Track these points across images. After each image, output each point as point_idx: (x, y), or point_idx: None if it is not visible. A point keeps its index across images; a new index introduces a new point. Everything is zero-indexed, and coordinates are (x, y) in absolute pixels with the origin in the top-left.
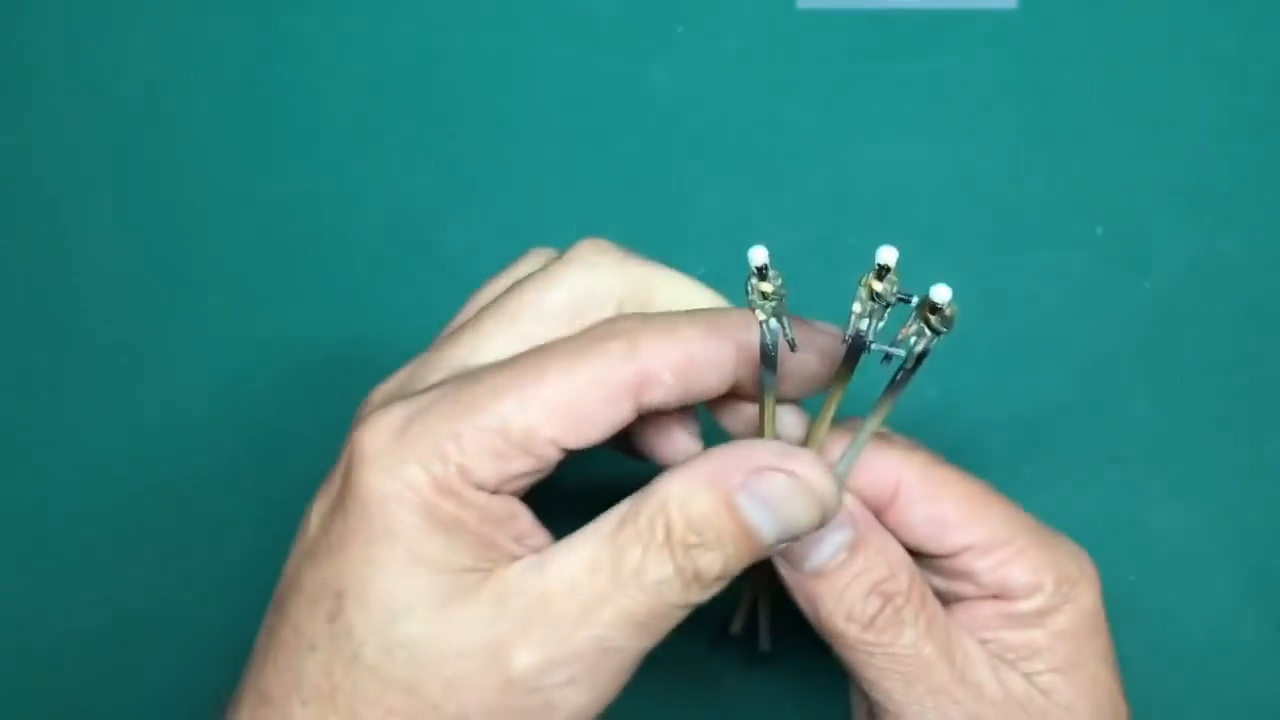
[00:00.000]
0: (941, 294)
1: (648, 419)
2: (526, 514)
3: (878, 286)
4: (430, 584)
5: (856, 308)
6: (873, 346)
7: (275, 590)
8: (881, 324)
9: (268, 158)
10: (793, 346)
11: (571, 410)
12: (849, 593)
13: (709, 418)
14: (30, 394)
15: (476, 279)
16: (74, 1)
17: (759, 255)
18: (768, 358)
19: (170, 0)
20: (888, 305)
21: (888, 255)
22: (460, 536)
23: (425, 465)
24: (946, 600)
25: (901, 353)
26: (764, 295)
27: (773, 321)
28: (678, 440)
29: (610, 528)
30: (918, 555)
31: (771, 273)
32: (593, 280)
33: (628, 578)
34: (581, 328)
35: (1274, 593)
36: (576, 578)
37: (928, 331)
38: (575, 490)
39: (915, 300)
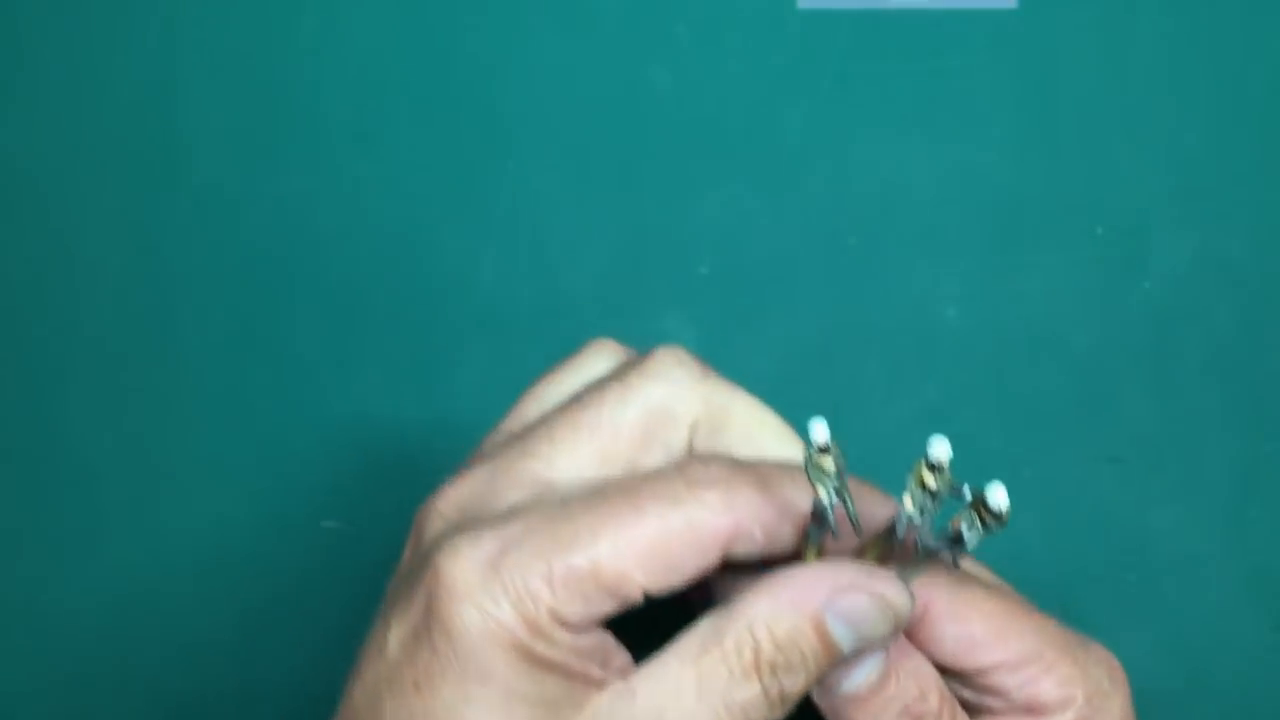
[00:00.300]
0: (999, 499)
1: None
2: (609, 639)
3: (931, 483)
4: None
5: (907, 502)
6: (923, 543)
7: (343, 709)
8: (934, 517)
9: (265, 159)
10: (856, 527)
11: (663, 558)
12: (881, 716)
13: None
14: (27, 398)
15: (475, 281)
16: (74, 1)
17: (820, 433)
18: (820, 520)
19: (171, 1)
20: (938, 498)
21: (940, 452)
22: (552, 673)
23: (518, 605)
24: (976, 713)
25: (950, 552)
26: (822, 470)
27: (831, 497)
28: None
29: (693, 651)
30: (946, 671)
31: (833, 448)
32: (670, 396)
33: (715, 701)
34: (655, 446)
35: (1274, 593)
36: (664, 705)
37: (979, 527)
38: None
39: (968, 495)
